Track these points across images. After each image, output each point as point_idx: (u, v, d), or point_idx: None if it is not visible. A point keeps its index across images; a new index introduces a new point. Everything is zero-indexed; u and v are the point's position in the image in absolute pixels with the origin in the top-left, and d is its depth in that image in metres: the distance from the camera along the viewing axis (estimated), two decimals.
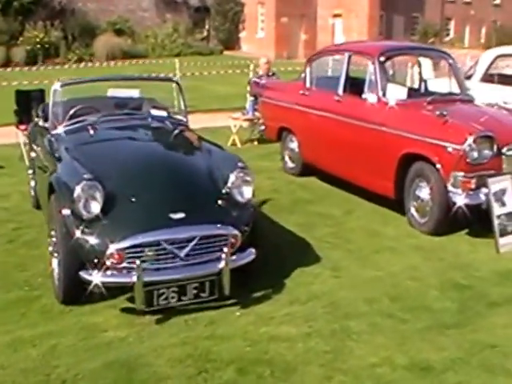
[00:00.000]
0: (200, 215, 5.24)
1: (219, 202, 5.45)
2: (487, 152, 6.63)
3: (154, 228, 5.00)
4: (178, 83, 7.50)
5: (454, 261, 6.28)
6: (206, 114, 16.26)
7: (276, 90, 10.10)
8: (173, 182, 5.47)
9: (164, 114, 7.16)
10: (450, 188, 6.65)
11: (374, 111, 7.68)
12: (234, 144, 12.04)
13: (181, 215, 5.13)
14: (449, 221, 6.79)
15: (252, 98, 12.33)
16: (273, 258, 6.18)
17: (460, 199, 6.57)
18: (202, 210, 5.31)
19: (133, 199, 5.19)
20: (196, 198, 5.38)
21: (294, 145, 9.47)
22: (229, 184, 5.55)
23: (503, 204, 6.60)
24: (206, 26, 41.29)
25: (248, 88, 12.77)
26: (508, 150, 6.76)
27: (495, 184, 6.56)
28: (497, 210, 6.54)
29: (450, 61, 8.48)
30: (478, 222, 6.75)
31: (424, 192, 6.99)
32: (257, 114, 11.87)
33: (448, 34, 48.57)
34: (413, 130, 7.04)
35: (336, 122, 8.28)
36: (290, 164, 9.67)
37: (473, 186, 6.60)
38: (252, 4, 42.30)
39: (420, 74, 8.72)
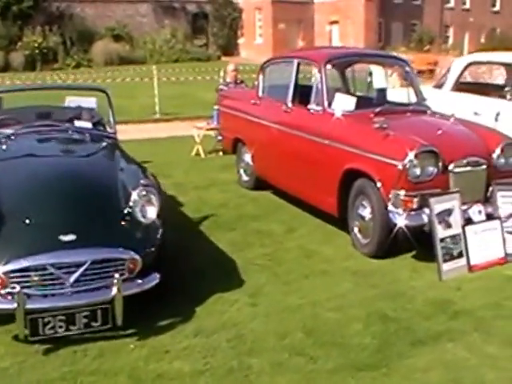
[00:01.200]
0: (93, 237, 4.82)
1: (119, 222, 5.03)
2: (431, 169, 6.09)
3: (39, 251, 4.59)
4: (107, 93, 7.06)
5: (389, 288, 5.73)
6: (184, 121, 15.82)
7: (231, 98, 9.60)
8: (70, 202, 5.06)
9: (88, 125, 6.73)
10: (390, 208, 6.11)
11: (319, 123, 7.16)
12: (197, 154, 11.55)
13: (71, 237, 4.73)
14: (391, 243, 6.22)
15: (217, 107, 11.80)
16: (191, 282, 5.80)
17: (400, 220, 6.02)
18: (96, 232, 4.88)
19: (26, 220, 4.82)
20: (93, 219, 4.96)
21: (248, 157, 8.96)
22: (130, 203, 5.09)
23: (448, 226, 6.05)
24: (208, 33, 40.94)
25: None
26: (455, 166, 6.21)
27: (439, 204, 6.01)
28: (440, 232, 5.99)
29: (407, 68, 7.96)
30: (424, 244, 6.17)
31: (366, 211, 6.46)
32: None
33: (447, 41, 48.07)
34: (354, 144, 6.52)
35: (283, 134, 7.77)
36: (245, 177, 9.16)
37: (415, 206, 6.05)
38: (250, 10, 42.06)
39: (371, 82, 8.17)
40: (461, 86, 10.34)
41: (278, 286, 5.80)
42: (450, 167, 6.19)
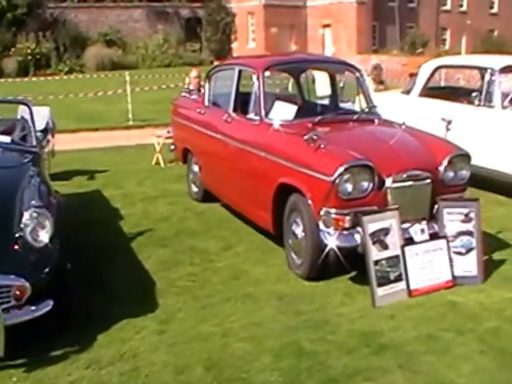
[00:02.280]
0: None
1: (9, 246, 4.60)
2: (365, 184, 5.58)
3: None
4: (28, 105, 6.65)
5: (315, 316, 5.23)
6: (156, 128, 15.28)
7: (182, 107, 9.10)
8: None
9: (6, 139, 6.32)
10: (321, 226, 5.60)
11: (257, 133, 6.69)
12: (157, 163, 11.06)
13: None
14: (324, 264, 5.70)
15: None
16: (101, 306, 5.37)
17: (331, 240, 5.52)
18: None
19: None
20: None
21: (196, 168, 8.48)
22: (21, 225, 4.63)
23: (384, 247, 5.54)
24: (201, 37, 40.55)
25: None
26: (394, 181, 5.69)
27: (373, 223, 5.50)
28: (375, 254, 5.48)
29: (357, 74, 7.46)
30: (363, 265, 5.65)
31: (299, 229, 5.96)
32: None
33: (444, 44, 47.51)
34: (286, 157, 6.03)
35: (224, 145, 7.30)
36: (194, 189, 8.68)
37: (347, 225, 5.55)
38: (243, 14, 41.72)
39: (314, 89, 7.68)
40: (429, 92, 9.85)
41: (195, 310, 5.33)
42: (388, 182, 5.68)
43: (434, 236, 5.81)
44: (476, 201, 6.00)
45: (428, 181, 5.86)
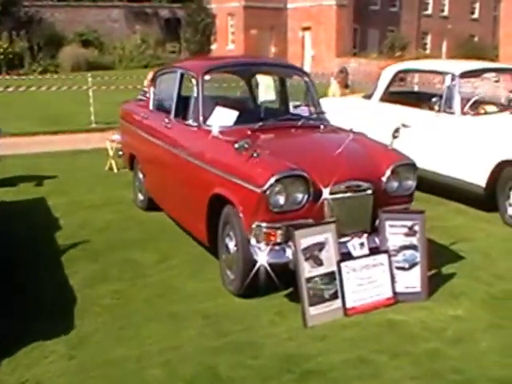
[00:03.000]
0: None
1: None
2: (299, 196, 5.22)
3: None
4: None
5: (240, 337, 4.87)
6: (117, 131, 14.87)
7: (129, 110, 8.70)
8: None
9: None
10: (252, 241, 5.22)
11: (194, 140, 6.32)
12: (111, 169, 10.65)
13: None
14: (256, 281, 5.32)
15: None
16: (12, 326, 4.97)
17: (262, 256, 5.14)
18: None
19: None
20: None
21: (141, 175, 8.10)
22: None
23: (319, 263, 5.18)
24: (180, 38, 40.04)
25: None
26: (332, 192, 5.33)
27: (306, 237, 5.14)
28: (307, 270, 5.11)
29: (305, 78, 7.11)
30: None
31: (232, 243, 5.60)
32: None
33: (425, 48, 47.33)
34: (219, 166, 5.68)
35: (165, 152, 6.93)
36: (140, 197, 8.29)
37: (279, 240, 5.18)
38: (223, 16, 41.30)
39: (256, 93, 7.32)
40: (390, 97, 9.52)
41: (113, 332, 4.94)
42: (325, 193, 5.31)
43: (375, 250, 5.45)
44: (421, 213, 5.67)
45: (369, 192, 5.51)
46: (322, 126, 6.47)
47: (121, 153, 9.20)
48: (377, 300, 5.34)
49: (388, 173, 5.61)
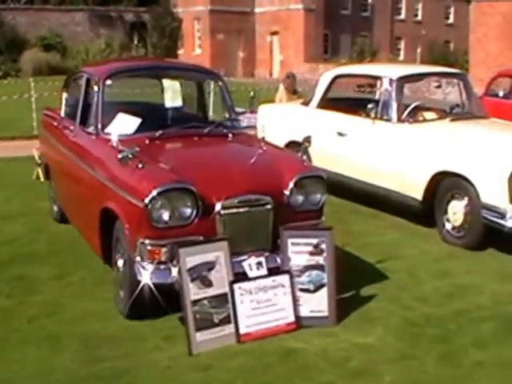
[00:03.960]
0: None
1: None
2: (187, 210, 4.76)
3: None
4: None
5: (115, 364, 4.41)
6: None
7: (48, 117, 8.12)
8: None
9: None
10: (137, 259, 4.75)
11: (93, 149, 5.85)
12: (38, 177, 10.09)
13: None
14: (143, 301, 4.84)
15: None
16: None
17: (146, 275, 4.67)
18: None
19: None
20: None
21: (54, 185, 7.60)
22: None
23: (208, 284, 4.70)
24: (136, 43, 39.33)
25: None
26: (224, 207, 4.85)
27: (193, 256, 4.66)
28: (193, 292, 4.64)
29: (220, 83, 6.66)
30: None
31: (121, 261, 5.14)
32: None
33: (399, 54, 47.11)
34: (109, 178, 5.21)
35: (68, 161, 6.46)
36: (54, 207, 7.78)
37: (163, 258, 4.71)
38: (189, 20, 40.81)
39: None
40: (327, 103, 9.08)
41: None
42: (217, 208, 4.83)
43: (275, 271, 4.97)
44: (328, 230, 5.19)
45: (269, 206, 5.04)
46: (230, 135, 5.98)
47: (39, 162, 8.69)
48: (276, 325, 4.87)
49: (291, 185, 5.15)
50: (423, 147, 7.43)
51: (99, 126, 5.79)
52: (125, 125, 5.78)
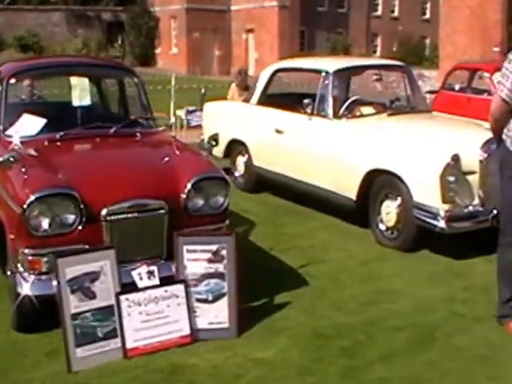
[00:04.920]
0: None
1: None
2: (68, 217, 4.44)
3: None
4: None
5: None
6: None
7: None
8: None
9: None
10: (19, 269, 4.44)
11: None
12: None
13: None
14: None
15: None
16: None
17: (26, 286, 4.38)
18: None
19: None
20: None
21: None
22: None
23: (91, 296, 4.38)
24: (119, 42, 39.05)
25: None
26: (110, 213, 4.53)
27: (74, 266, 4.34)
28: (74, 305, 4.31)
29: (135, 79, 6.33)
30: None
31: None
32: None
33: (375, 51, 46.92)
34: (4, 185, 4.86)
35: None
36: None
37: (44, 269, 4.41)
38: (166, 19, 40.59)
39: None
40: (267, 99, 8.78)
41: None
42: (103, 214, 4.51)
43: (169, 280, 4.65)
44: (230, 235, 4.86)
45: (162, 211, 4.72)
46: (138, 135, 5.66)
47: None
48: (168, 339, 4.55)
49: (188, 188, 4.82)
50: (357, 144, 7.13)
51: (1, 127, 5.46)
52: (28, 126, 5.47)
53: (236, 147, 9.12)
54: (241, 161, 9.08)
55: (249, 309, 5.03)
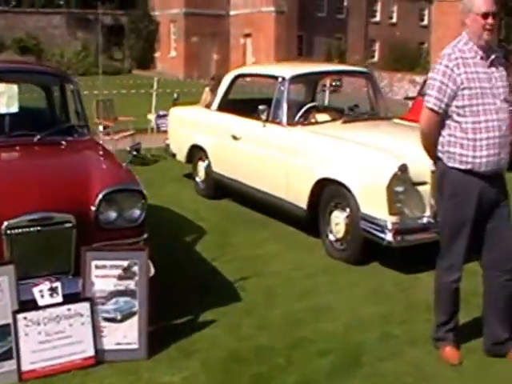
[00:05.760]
0: None
1: None
2: None
3: None
4: None
5: None
6: None
7: None
8: None
9: None
10: None
11: None
12: None
13: None
14: None
15: None
16: None
17: None
18: None
19: None
20: None
21: None
22: None
23: None
24: (124, 46, 38.89)
25: None
26: (11, 227, 4.27)
27: None
28: None
29: (71, 86, 6.10)
30: None
31: None
32: None
33: (373, 56, 46.62)
34: None
35: None
36: None
37: None
38: (165, 23, 40.57)
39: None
40: (227, 105, 8.53)
41: None
42: (3, 228, 4.25)
43: (73, 298, 4.39)
44: (142, 250, 4.58)
45: (69, 225, 4.44)
46: (63, 143, 5.40)
47: None
48: (69, 360, 4.29)
49: (99, 200, 4.55)
50: (308, 152, 6.88)
51: None
52: None
53: (197, 153, 8.91)
54: (201, 166, 8.85)
55: (166, 327, 4.76)
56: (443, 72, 4.15)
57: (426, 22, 49.58)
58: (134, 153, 5.20)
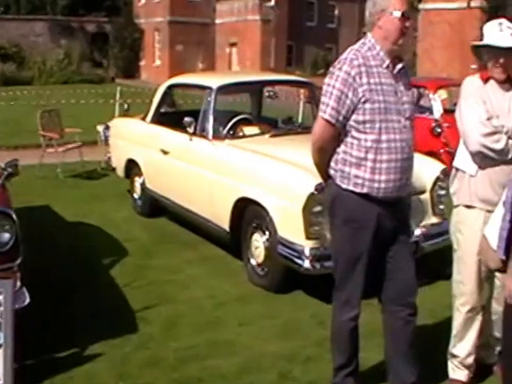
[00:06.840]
0: None
1: None
2: None
3: None
4: None
5: None
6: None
7: None
8: None
9: None
10: None
11: None
12: None
13: None
14: None
15: None
16: None
17: None
18: None
19: None
20: None
21: None
22: None
23: None
24: (108, 54, 38.46)
25: None
26: None
27: None
28: None
29: None
30: None
31: None
32: None
33: None
34: None
35: None
36: None
37: None
38: (150, 31, 40.24)
39: None
40: (160, 117, 8.05)
41: None
42: None
43: None
44: (8, 279, 4.08)
45: None
46: None
47: None
48: None
49: None
50: (230, 168, 6.36)
51: None
52: None
53: (133, 167, 8.39)
54: (137, 182, 8.33)
55: (44, 361, 4.29)
56: (343, 80, 3.53)
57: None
58: (10, 170, 4.67)
